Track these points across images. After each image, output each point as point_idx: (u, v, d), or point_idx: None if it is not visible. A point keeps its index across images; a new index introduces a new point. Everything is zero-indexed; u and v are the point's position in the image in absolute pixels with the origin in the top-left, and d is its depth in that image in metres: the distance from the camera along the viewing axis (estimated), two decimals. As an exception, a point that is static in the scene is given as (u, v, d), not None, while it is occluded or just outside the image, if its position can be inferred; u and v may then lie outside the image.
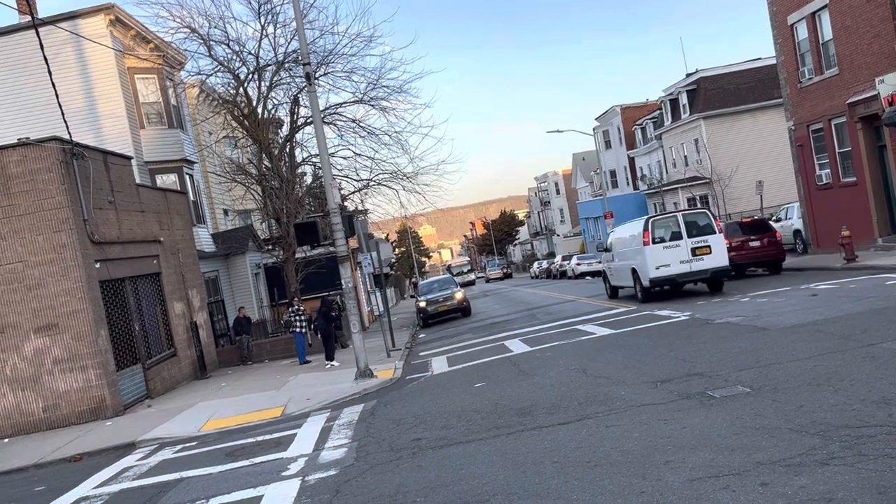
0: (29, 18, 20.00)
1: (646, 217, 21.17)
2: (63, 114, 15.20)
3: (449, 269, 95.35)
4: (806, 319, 11.93)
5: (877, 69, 20.87)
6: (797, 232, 27.46)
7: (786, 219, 28.75)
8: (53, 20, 22.20)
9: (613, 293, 23.91)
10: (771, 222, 25.64)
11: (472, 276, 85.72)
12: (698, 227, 19.62)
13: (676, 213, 20.57)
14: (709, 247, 19.25)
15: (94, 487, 9.37)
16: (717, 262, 19.16)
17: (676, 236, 19.56)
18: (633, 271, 20.73)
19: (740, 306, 15.39)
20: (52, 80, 14.99)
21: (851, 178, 23.51)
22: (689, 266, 19.24)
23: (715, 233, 19.51)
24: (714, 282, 19.73)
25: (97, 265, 15.80)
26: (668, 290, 20.91)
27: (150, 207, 19.67)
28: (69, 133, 15.33)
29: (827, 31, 23.63)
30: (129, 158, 19.39)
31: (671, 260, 19.33)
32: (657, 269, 19.44)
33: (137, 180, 20.70)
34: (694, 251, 19.25)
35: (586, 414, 8.31)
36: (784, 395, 7.50)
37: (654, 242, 19.60)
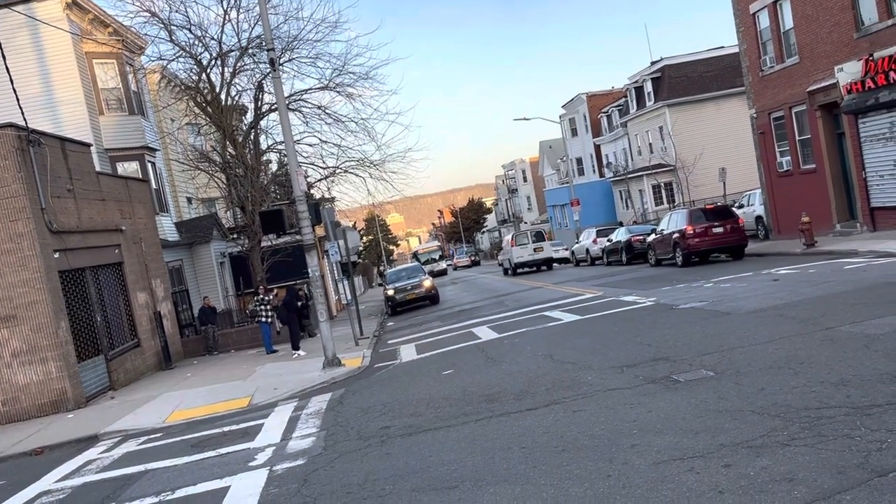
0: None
1: (513, 233, 43.83)
2: (18, 100, 14.79)
3: (415, 256, 78.37)
4: (767, 304, 12.16)
5: (836, 58, 21.27)
6: (759, 218, 27.95)
7: (748, 205, 29.24)
8: (7, 3, 21.55)
9: (504, 273, 41.89)
10: (734, 209, 26.06)
11: (443, 265, 72.21)
12: (537, 238, 38.83)
13: (527, 230, 43.06)
14: (542, 247, 38.29)
15: (57, 481, 9.19)
16: (546, 255, 38.25)
17: (527, 242, 38.41)
18: (509, 260, 39.92)
19: (704, 291, 15.64)
20: (6, 65, 14.57)
21: (811, 165, 23.98)
22: (532, 257, 37.93)
23: (545, 240, 39.35)
24: (547, 265, 38.34)
25: (56, 255, 15.44)
26: (527, 270, 38.70)
27: (111, 196, 19.27)
28: (25, 119, 14.92)
29: (788, 19, 23.98)
30: (88, 146, 18.95)
31: (524, 254, 38.07)
32: (517, 258, 38.20)
33: (97, 168, 20.25)
34: (535, 250, 37.97)
35: (553, 399, 8.38)
36: (746, 378, 7.64)
37: (516, 245, 38.78)
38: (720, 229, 22.54)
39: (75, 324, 15.89)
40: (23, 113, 14.86)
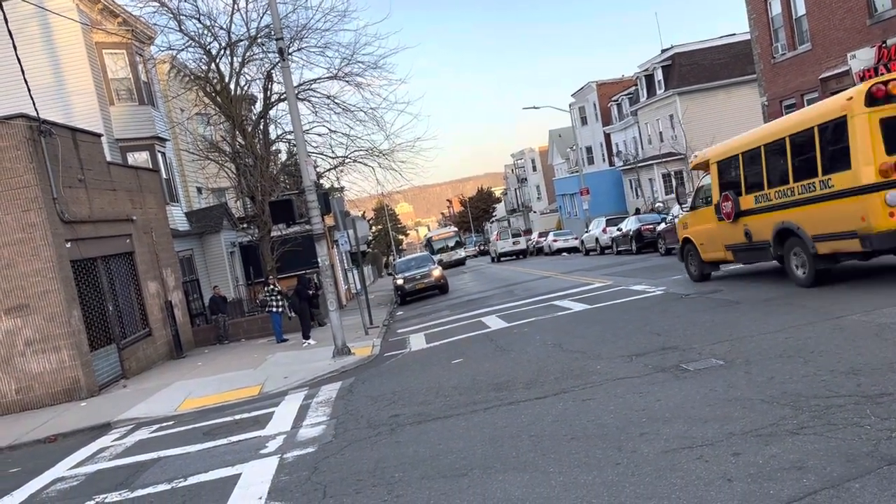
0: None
1: (497, 231, 69.20)
2: (29, 90, 14.84)
3: (429, 243, 65.51)
4: (778, 293, 12.11)
5: (849, 44, 21.06)
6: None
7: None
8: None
9: (491, 260, 55.36)
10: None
11: (461, 253, 60.96)
12: (515, 235, 55.74)
13: (508, 229, 70.72)
14: (519, 241, 52.62)
15: (70, 468, 9.30)
16: (521, 247, 51.95)
17: (508, 237, 54.55)
18: (495, 250, 54.20)
19: (713, 280, 15.58)
20: (17, 55, 14.60)
21: (823, 154, 23.76)
22: (511, 248, 51.90)
23: (522, 236, 56.48)
24: (523, 254, 51.41)
25: (68, 245, 15.55)
26: (508, 259, 51.28)
27: (122, 186, 19.37)
28: (36, 110, 14.99)
29: (800, 6, 23.76)
30: (98, 136, 19.03)
31: (506, 245, 52.48)
32: (501, 249, 52.73)
33: (108, 158, 20.36)
34: (513, 243, 52.48)
35: (563, 388, 8.39)
36: (756, 366, 7.63)
37: (500, 240, 54.59)
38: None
39: (87, 313, 16.02)
40: (34, 103, 14.92)
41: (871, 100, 10.38)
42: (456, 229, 74.52)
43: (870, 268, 12.85)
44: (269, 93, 25.30)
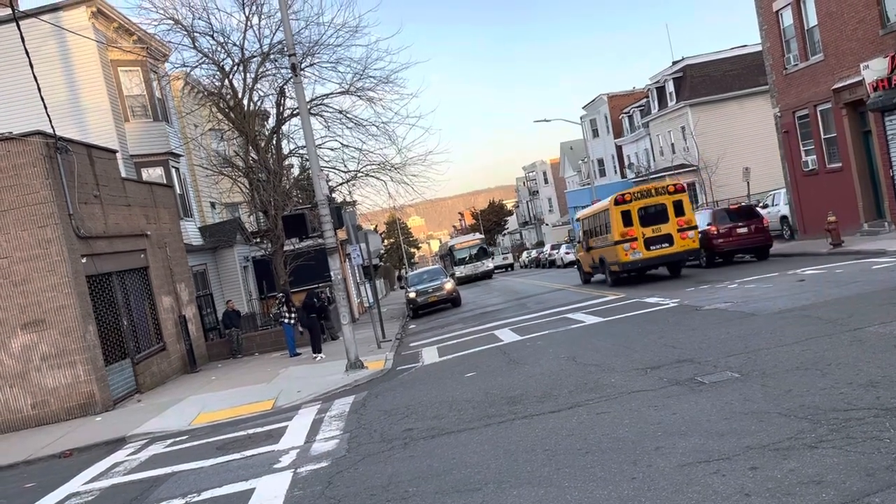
0: (9, 11, 19.72)
1: (492, 250, 68.87)
2: (46, 107, 15.01)
3: (450, 253, 59.18)
4: (793, 305, 12.02)
5: (861, 55, 20.96)
6: (784, 218, 27.60)
7: (772, 205, 28.89)
8: (35, 13, 21.91)
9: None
10: (758, 209, 25.76)
11: (488, 265, 54.83)
12: (506, 252, 76.70)
13: (499, 247, 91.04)
14: (509, 258, 72.35)
15: (85, 483, 9.33)
16: (510, 262, 71.12)
17: (499, 254, 71.69)
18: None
19: (728, 292, 15.48)
20: (34, 73, 14.79)
21: (837, 164, 23.64)
22: (502, 262, 68.87)
23: (510, 253, 78.28)
24: (510, 267, 69.50)
25: (83, 260, 15.68)
26: (502, 270, 66.00)
27: (137, 201, 19.53)
28: (52, 127, 15.16)
29: (812, 17, 23.69)
30: (113, 152, 19.21)
31: (497, 261, 64.60)
32: (493, 263, 57.75)
33: (123, 174, 20.54)
34: (503, 258, 70.75)
35: (577, 402, 8.34)
36: (773, 379, 7.56)
37: (495, 256, 65.29)
38: (744, 230, 22.30)
39: (102, 328, 16.12)
40: (50, 120, 15.10)
41: (616, 202, 21.21)
42: (482, 237, 63.23)
43: (652, 275, 22.62)
44: (281, 108, 25.48)
